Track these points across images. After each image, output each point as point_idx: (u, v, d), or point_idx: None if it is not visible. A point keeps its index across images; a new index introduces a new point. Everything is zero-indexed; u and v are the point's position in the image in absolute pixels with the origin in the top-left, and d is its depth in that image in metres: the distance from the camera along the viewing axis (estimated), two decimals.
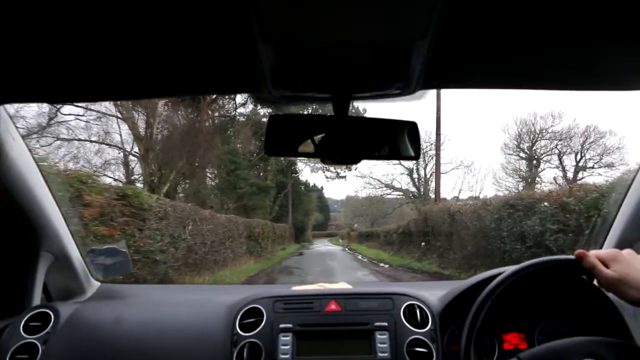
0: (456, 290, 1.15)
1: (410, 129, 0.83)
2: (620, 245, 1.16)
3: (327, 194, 45.13)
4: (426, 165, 30.29)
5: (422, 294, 1.19)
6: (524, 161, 24.29)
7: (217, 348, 1.11)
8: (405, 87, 0.71)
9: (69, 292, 1.37)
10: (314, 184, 33.19)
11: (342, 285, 1.34)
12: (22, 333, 1.11)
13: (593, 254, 0.89)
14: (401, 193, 32.07)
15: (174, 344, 1.12)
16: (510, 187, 23.82)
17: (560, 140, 22.66)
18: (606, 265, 0.87)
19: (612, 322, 1.02)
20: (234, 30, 0.56)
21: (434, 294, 1.21)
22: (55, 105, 8.92)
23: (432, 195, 27.04)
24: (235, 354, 1.09)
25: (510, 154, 24.15)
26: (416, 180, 31.84)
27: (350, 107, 0.80)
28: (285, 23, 0.53)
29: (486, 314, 0.94)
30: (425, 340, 1.10)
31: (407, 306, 1.16)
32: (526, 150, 23.99)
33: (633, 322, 1.02)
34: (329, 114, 0.78)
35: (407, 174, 32.10)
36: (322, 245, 30.91)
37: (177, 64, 0.68)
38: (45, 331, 1.12)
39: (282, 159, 21.38)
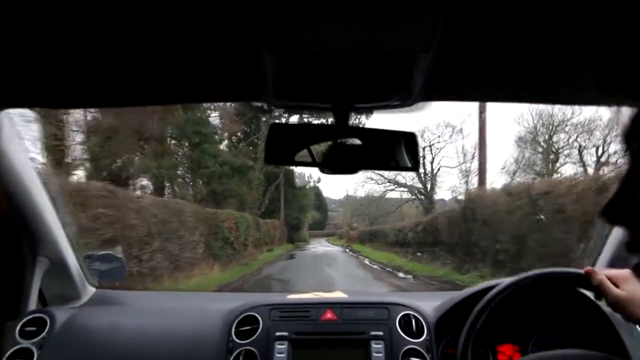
0: (452, 301, 1.16)
1: (409, 140, 0.83)
2: (616, 258, 1.17)
3: (325, 193, 43.81)
4: (433, 159, 27.57)
5: (417, 304, 1.20)
6: (539, 155, 22.14)
7: (212, 355, 1.12)
8: (406, 98, 0.72)
9: (65, 297, 1.35)
10: (310, 175, 27.52)
11: (338, 294, 1.35)
12: (18, 338, 1.12)
13: (605, 273, 0.88)
14: (405, 189, 29.30)
15: (170, 350, 1.13)
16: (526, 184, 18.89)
17: (580, 133, 20.46)
18: (616, 284, 0.86)
19: (608, 337, 1.03)
20: (238, 40, 0.57)
21: (429, 304, 1.22)
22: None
23: (439, 192, 25.00)
24: None
25: (525, 148, 22.00)
26: (422, 175, 28.42)
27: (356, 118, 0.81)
28: (289, 33, 0.54)
29: (483, 324, 0.94)
30: (421, 350, 1.10)
31: (402, 316, 1.16)
32: (542, 144, 21.86)
33: (628, 337, 1.02)
34: (329, 124, 0.80)
35: None
36: (319, 246, 28.04)
37: (180, 72, 0.69)
38: (41, 336, 1.13)
39: None
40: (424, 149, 28.48)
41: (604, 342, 1.01)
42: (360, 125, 0.82)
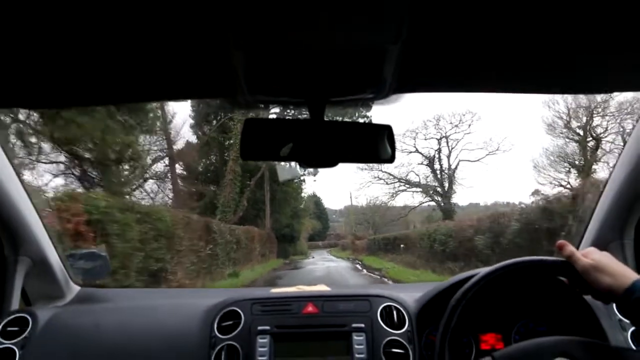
0: (433, 292, 1.16)
1: (385, 132, 0.82)
2: (595, 246, 1.12)
3: (325, 203, 38.75)
4: (450, 152, 22.31)
5: (399, 295, 1.21)
6: (575, 144, 17.21)
7: (195, 351, 1.11)
8: (379, 91, 0.70)
9: (48, 296, 1.33)
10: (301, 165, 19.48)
11: (320, 288, 1.35)
12: (0, 338, 1.13)
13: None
14: (419, 189, 23.62)
15: (153, 347, 1.13)
16: (559, 178, 16.86)
17: (626, 114, 15.57)
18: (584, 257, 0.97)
19: (587, 322, 1.06)
20: (207, 36, 0.56)
21: (411, 295, 1.22)
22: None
23: (458, 190, 21.98)
24: (213, 357, 1.09)
25: (557, 136, 17.43)
26: (438, 172, 22.91)
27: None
28: (257, 28, 0.53)
29: (463, 314, 0.95)
30: (402, 341, 1.09)
31: (384, 308, 1.15)
32: (578, 130, 17.01)
33: (607, 322, 1.06)
34: (305, 118, 0.79)
35: (427, 164, 23.24)
36: (320, 260, 21.23)
37: (151, 70, 0.67)
38: (23, 336, 1.11)
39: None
40: (439, 140, 23.25)
41: (585, 329, 1.05)
42: (335, 119, 0.81)
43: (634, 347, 1.04)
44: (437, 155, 22.98)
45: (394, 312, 1.13)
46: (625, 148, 1.14)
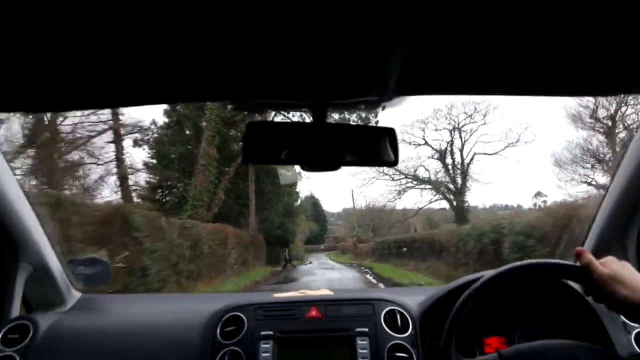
0: (436, 295, 1.17)
1: (389, 135, 0.83)
2: (598, 250, 1.19)
3: (322, 205, 36.76)
4: (463, 145, 19.38)
5: (402, 299, 1.21)
6: (602, 137, 14.90)
7: (198, 357, 1.11)
8: (383, 94, 0.69)
9: (50, 303, 1.33)
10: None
11: (323, 292, 1.34)
12: (0, 345, 1.10)
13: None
14: (429, 185, 20.21)
15: (155, 352, 1.13)
16: (586, 174, 14.77)
17: None
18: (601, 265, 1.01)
19: (591, 325, 1.07)
20: (210, 38, 0.56)
21: (414, 299, 1.22)
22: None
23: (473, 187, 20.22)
24: None
25: (583, 127, 14.96)
26: (450, 166, 19.71)
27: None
28: (260, 31, 0.53)
29: (468, 316, 0.96)
30: (406, 345, 1.09)
31: (387, 312, 1.15)
32: (605, 121, 14.58)
33: (611, 325, 1.06)
34: (307, 121, 0.80)
35: (437, 158, 20.00)
36: (318, 267, 18.05)
37: (155, 73, 0.66)
38: (24, 343, 1.10)
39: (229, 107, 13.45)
40: (451, 131, 20.48)
41: (588, 333, 1.06)
42: (338, 122, 0.82)
43: (638, 350, 1.05)
44: (449, 148, 21.40)
45: (398, 316, 1.13)
46: (629, 150, 1.12)
